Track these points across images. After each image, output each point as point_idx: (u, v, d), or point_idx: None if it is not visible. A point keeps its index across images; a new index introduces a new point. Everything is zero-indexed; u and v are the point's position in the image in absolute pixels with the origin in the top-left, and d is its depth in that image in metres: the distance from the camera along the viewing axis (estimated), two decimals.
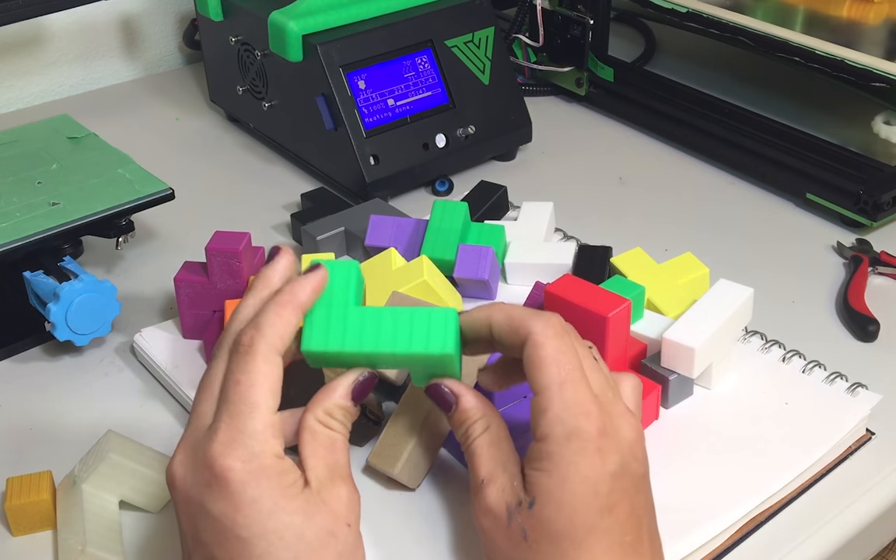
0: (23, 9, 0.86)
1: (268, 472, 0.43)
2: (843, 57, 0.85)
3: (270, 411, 0.44)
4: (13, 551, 0.54)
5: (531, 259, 0.73)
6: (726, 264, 0.74)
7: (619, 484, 0.43)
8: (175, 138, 1.03)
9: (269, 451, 0.43)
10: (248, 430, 0.43)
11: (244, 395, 0.44)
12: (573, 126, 1.03)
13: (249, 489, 0.42)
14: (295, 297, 0.46)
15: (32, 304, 0.67)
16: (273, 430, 0.44)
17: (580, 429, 0.43)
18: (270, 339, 0.45)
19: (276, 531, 0.42)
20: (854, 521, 0.56)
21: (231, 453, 0.43)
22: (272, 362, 0.44)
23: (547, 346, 0.45)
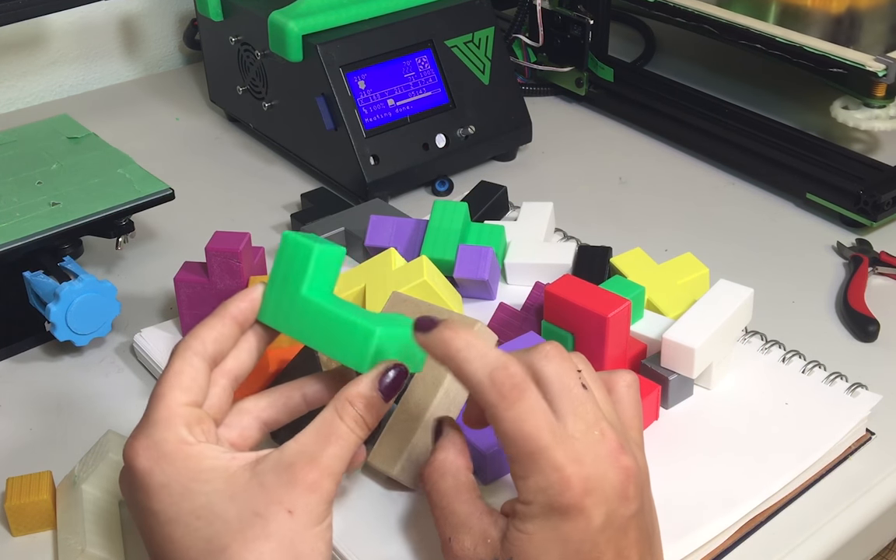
0: (23, 9, 0.86)
1: (170, 457, 0.44)
2: (802, 43, 0.87)
3: (176, 402, 0.45)
4: (13, 551, 0.54)
5: (531, 259, 0.73)
6: (726, 264, 0.74)
7: (605, 535, 0.42)
8: (175, 138, 1.03)
9: (170, 438, 0.44)
10: (151, 420, 0.45)
11: (154, 394, 0.46)
12: (573, 126, 1.03)
13: (156, 475, 0.44)
14: (225, 307, 0.49)
15: (32, 304, 0.67)
16: (178, 419, 0.45)
17: (562, 495, 0.42)
18: (188, 342, 0.47)
19: (192, 512, 0.43)
20: (854, 521, 0.56)
21: (135, 444, 0.45)
22: (185, 360, 0.47)
23: (505, 419, 0.42)
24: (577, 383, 0.44)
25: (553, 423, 0.42)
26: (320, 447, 0.44)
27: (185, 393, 0.46)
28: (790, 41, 0.88)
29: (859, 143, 0.95)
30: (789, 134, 0.91)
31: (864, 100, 0.90)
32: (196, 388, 0.46)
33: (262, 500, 0.43)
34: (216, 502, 0.43)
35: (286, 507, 0.43)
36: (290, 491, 0.43)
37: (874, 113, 0.89)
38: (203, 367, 0.47)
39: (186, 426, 0.45)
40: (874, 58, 0.83)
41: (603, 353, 0.58)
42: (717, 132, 0.93)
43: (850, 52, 0.85)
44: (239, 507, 0.43)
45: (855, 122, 0.90)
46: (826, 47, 0.86)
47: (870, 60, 0.83)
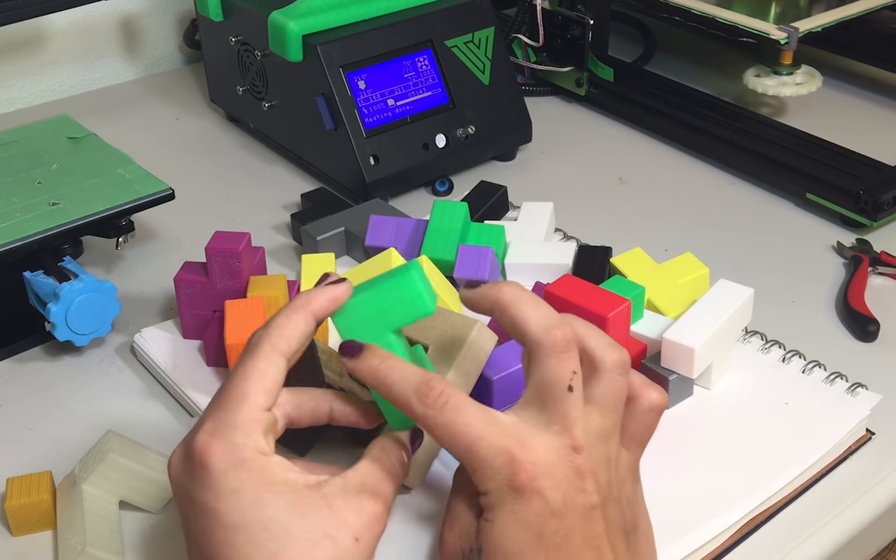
0: (23, 9, 0.86)
1: (247, 464, 0.43)
2: (714, 15, 0.94)
3: (259, 406, 0.44)
4: (13, 551, 0.54)
5: (531, 259, 0.73)
6: (726, 264, 0.74)
7: (565, 522, 0.43)
8: (175, 138, 1.03)
9: (250, 445, 0.43)
10: (231, 421, 0.44)
11: (235, 388, 0.45)
12: (573, 126, 1.03)
13: (230, 479, 0.43)
14: (308, 303, 0.47)
15: (32, 304, 0.67)
16: (258, 425, 0.44)
17: (512, 478, 0.43)
18: (274, 339, 0.46)
19: (260, 522, 0.43)
20: (854, 521, 0.56)
21: (211, 442, 0.43)
22: (271, 361, 0.45)
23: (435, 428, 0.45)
24: (564, 384, 0.45)
25: (483, 414, 0.44)
26: (379, 481, 0.45)
27: (267, 397, 0.45)
28: (704, 13, 0.94)
29: (767, 107, 1.04)
30: (789, 134, 0.91)
31: (774, 67, 0.99)
32: (276, 391, 0.46)
33: (332, 522, 0.43)
34: (285, 517, 0.43)
35: (354, 534, 0.43)
36: (359, 519, 0.44)
37: (782, 80, 0.98)
38: (284, 369, 0.46)
39: (264, 434, 0.44)
40: (777, 27, 0.89)
41: None
42: (717, 132, 0.93)
43: (755, 22, 0.91)
44: (308, 526, 0.43)
45: (764, 88, 0.98)
46: (735, 18, 0.92)
47: (773, 29, 0.89)
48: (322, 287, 0.48)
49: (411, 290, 0.48)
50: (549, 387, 0.45)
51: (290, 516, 0.43)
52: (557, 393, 0.45)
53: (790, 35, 0.89)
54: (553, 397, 0.45)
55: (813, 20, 0.92)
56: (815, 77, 0.99)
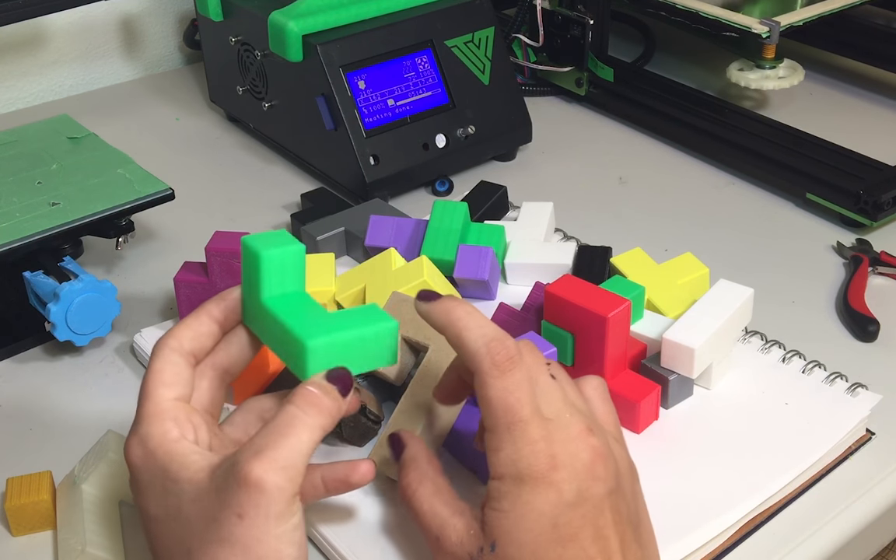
0: (23, 9, 0.86)
1: (154, 453, 0.45)
2: (698, 9, 0.94)
3: (163, 397, 0.46)
4: (13, 551, 0.54)
5: (531, 259, 0.73)
6: (726, 264, 0.74)
7: (579, 512, 0.43)
8: (175, 138, 1.03)
9: (155, 432, 0.45)
10: (140, 416, 0.46)
11: (142, 393, 0.47)
12: (573, 126, 1.03)
13: (143, 474, 0.45)
14: (202, 307, 0.50)
15: (32, 304, 0.67)
16: (163, 414, 0.46)
17: (532, 468, 0.43)
18: (166, 341, 0.48)
19: (167, 510, 0.44)
20: (854, 521, 0.56)
21: (129, 441, 0.46)
22: (166, 358, 0.47)
23: (493, 386, 0.44)
24: (546, 373, 0.46)
25: (535, 401, 0.44)
26: (268, 440, 0.43)
27: (169, 388, 0.46)
28: (688, 7, 0.95)
29: (749, 100, 1.05)
30: (789, 134, 0.91)
31: (757, 61, 1.00)
32: (180, 382, 0.47)
33: (216, 504, 0.42)
34: (184, 504, 0.44)
35: (235, 511, 0.42)
36: (237, 494, 0.42)
37: (764, 73, 0.99)
38: (182, 363, 0.47)
39: (174, 420, 0.46)
40: (759, 20, 0.90)
41: (603, 353, 0.58)
42: (717, 132, 0.93)
43: (738, 16, 0.92)
44: (200, 511, 0.43)
45: (747, 81, 0.99)
46: (718, 12, 0.93)
47: (755, 23, 0.90)
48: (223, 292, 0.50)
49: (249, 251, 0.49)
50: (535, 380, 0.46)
51: (186, 502, 0.44)
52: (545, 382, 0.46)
53: (772, 29, 0.90)
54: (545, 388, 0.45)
55: (795, 15, 0.92)
56: (797, 71, 1.00)
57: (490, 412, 0.44)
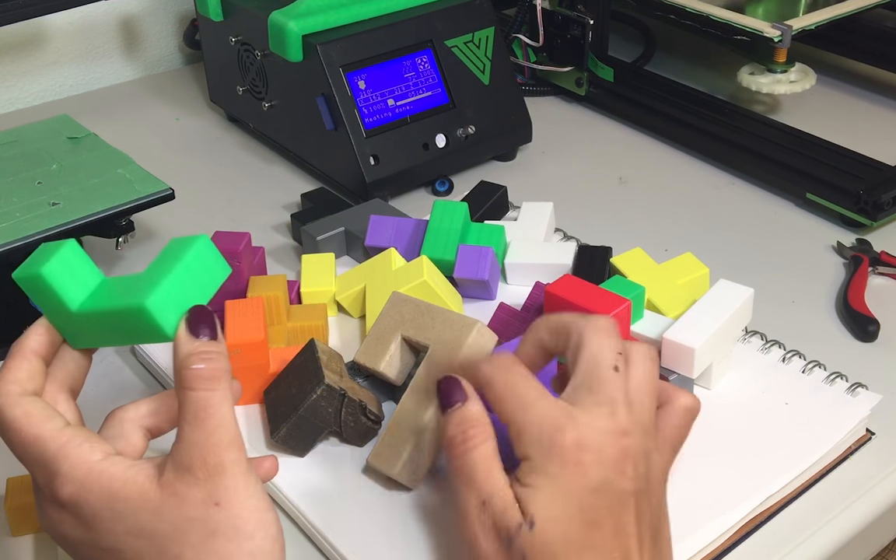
0: (23, 9, 0.86)
1: (87, 482, 0.43)
2: (708, 13, 0.93)
3: (56, 430, 0.45)
4: (13, 551, 0.54)
5: (531, 259, 0.73)
6: (726, 264, 0.74)
7: (603, 500, 0.43)
8: (175, 138, 1.03)
9: (76, 463, 0.44)
10: (46, 461, 0.44)
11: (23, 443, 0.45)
12: (573, 126, 1.03)
13: (87, 506, 0.43)
14: (18, 343, 0.48)
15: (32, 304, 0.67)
16: (71, 441, 0.44)
17: (556, 442, 0.43)
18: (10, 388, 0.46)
19: (128, 533, 0.43)
20: (854, 521, 0.56)
21: (54, 486, 0.44)
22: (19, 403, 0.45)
23: (497, 381, 0.46)
24: (610, 364, 0.45)
25: (543, 388, 0.45)
26: (193, 430, 0.43)
27: (52, 420, 0.45)
28: (698, 11, 0.94)
29: (761, 104, 1.03)
30: (789, 134, 0.91)
31: (768, 65, 0.98)
32: (54, 412, 0.46)
33: (185, 507, 0.43)
34: (145, 521, 0.43)
35: (211, 502, 0.42)
36: (199, 487, 0.42)
37: (776, 77, 0.97)
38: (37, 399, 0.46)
39: (85, 441, 0.44)
40: (771, 24, 0.89)
41: None
42: (717, 132, 0.93)
43: (749, 20, 0.91)
44: (169, 520, 0.43)
45: (758, 86, 0.97)
46: (729, 16, 0.91)
47: (767, 27, 0.89)
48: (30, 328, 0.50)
49: None
50: (594, 367, 0.45)
51: (147, 518, 0.43)
52: (604, 373, 0.45)
53: (783, 33, 0.89)
54: (600, 378, 0.45)
55: (807, 18, 0.92)
56: (808, 75, 0.99)
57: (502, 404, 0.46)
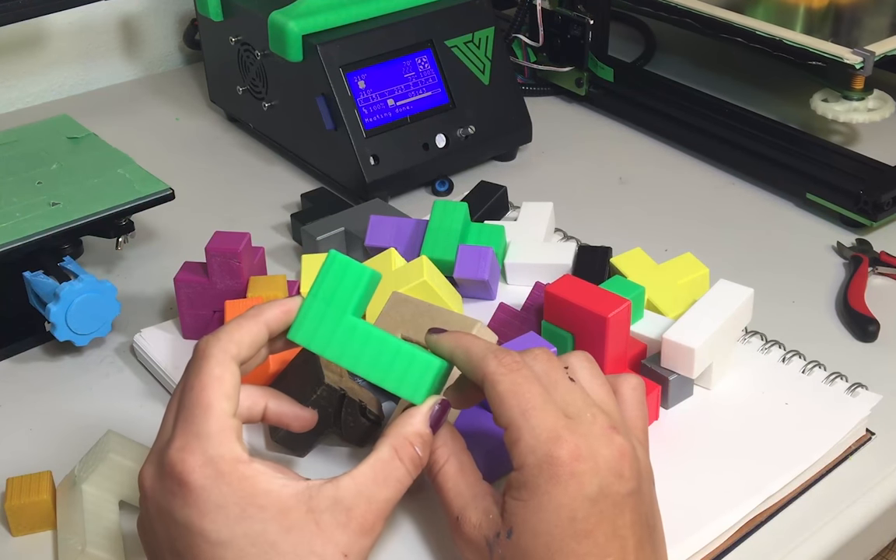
0: (23, 9, 0.86)
1: (228, 477, 0.42)
2: (781, 37, 0.88)
3: (225, 414, 0.44)
4: (13, 551, 0.54)
5: (531, 259, 0.73)
6: (726, 264, 0.74)
7: (598, 507, 0.43)
8: (175, 138, 1.03)
9: (227, 455, 0.43)
10: (202, 433, 0.43)
11: (197, 399, 0.44)
12: (573, 126, 1.03)
13: (213, 495, 0.42)
14: (261, 312, 0.47)
15: (32, 304, 0.67)
16: (230, 433, 0.43)
17: (551, 455, 0.43)
18: (224, 344, 0.45)
19: (247, 536, 0.42)
20: (854, 521, 0.56)
21: (187, 457, 0.43)
22: (225, 366, 0.45)
23: (503, 381, 0.45)
24: (564, 377, 0.46)
25: (545, 393, 0.45)
26: (378, 489, 0.44)
27: (230, 402, 0.44)
28: (770, 34, 0.89)
29: (838, 134, 0.96)
30: (789, 134, 0.91)
31: (843, 92, 0.91)
32: (237, 396, 0.45)
33: (319, 539, 0.43)
34: (272, 532, 0.42)
35: (342, 550, 0.43)
36: (346, 533, 0.43)
37: (853, 105, 0.91)
38: (238, 373, 0.46)
39: (238, 440, 0.44)
40: (851, 50, 0.84)
41: (603, 353, 0.58)
42: (717, 132, 0.93)
43: (828, 45, 0.85)
44: (295, 542, 0.42)
45: (834, 114, 0.91)
46: (805, 40, 0.87)
47: (847, 53, 0.84)
48: (276, 300, 0.48)
49: (342, 264, 0.48)
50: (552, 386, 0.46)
51: (275, 531, 0.42)
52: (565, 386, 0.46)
53: (865, 59, 0.83)
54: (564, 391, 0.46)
55: (890, 42, 0.86)
56: (888, 103, 0.92)
57: (503, 407, 0.45)
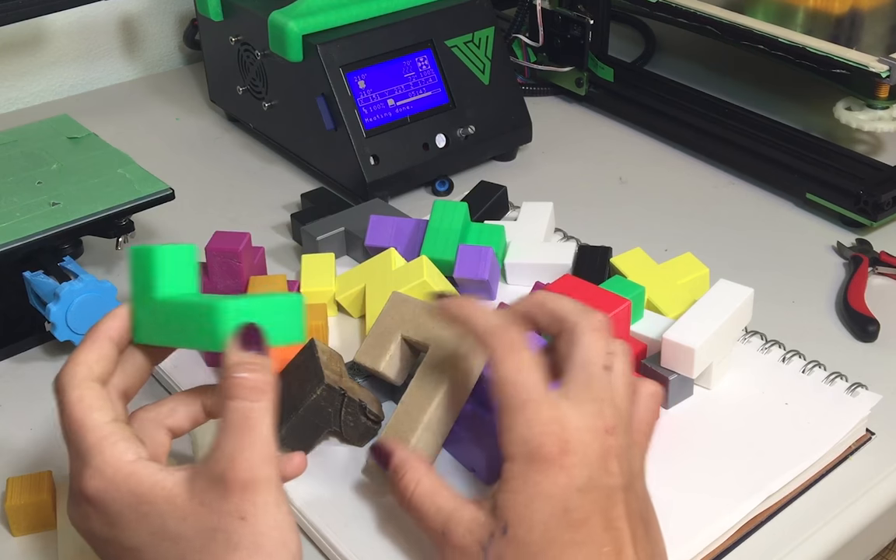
0: (23, 9, 0.86)
1: (116, 481, 0.44)
2: (805, 44, 0.87)
3: (98, 425, 0.45)
4: (13, 551, 0.54)
5: (531, 259, 0.73)
6: (726, 264, 0.74)
7: (589, 497, 0.43)
8: (175, 138, 1.03)
9: (109, 460, 0.44)
10: (82, 450, 0.44)
11: (70, 427, 0.45)
12: (573, 126, 1.03)
13: (113, 505, 0.44)
14: (97, 329, 0.48)
15: (32, 304, 0.67)
16: (110, 439, 0.44)
17: (542, 449, 0.44)
18: (71, 370, 0.46)
19: (153, 534, 0.43)
20: (854, 521, 0.56)
21: (82, 477, 0.44)
22: (81, 387, 0.46)
23: (504, 364, 0.46)
24: (601, 362, 0.46)
25: (545, 384, 0.45)
26: (232, 442, 0.43)
27: (101, 412, 0.45)
28: (793, 42, 0.88)
29: (862, 144, 0.95)
30: (789, 134, 0.90)
31: (867, 101, 0.89)
32: (107, 404, 0.46)
33: (211, 517, 0.43)
34: (170, 524, 0.43)
35: (237, 515, 0.42)
36: (231, 499, 0.42)
37: (877, 114, 0.89)
38: (99, 387, 0.46)
39: (124, 440, 0.44)
40: (877, 59, 0.83)
41: None
42: (717, 132, 0.93)
43: (853, 53, 0.84)
44: (194, 527, 0.43)
45: (858, 123, 0.89)
46: (829, 48, 0.85)
47: (873, 61, 0.83)
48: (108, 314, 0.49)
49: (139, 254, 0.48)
50: (588, 364, 0.46)
51: (173, 522, 0.43)
52: (595, 372, 0.46)
53: (892, 68, 0.82)
54: (590, 376, 0.46)
55: None
56: None
57: (503, 389, 0.45)
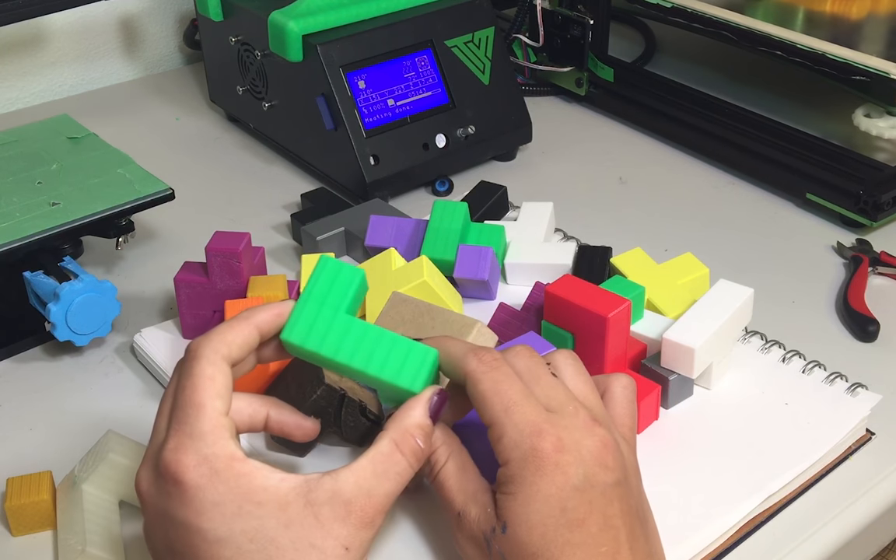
0: (23, 9, 0.86)
1: (223, 474, 0.43)
2: (824, 50, 0.86)
3: (218, 412, 0.44)
4: (13, 551, 0.54)
5: (531, 259, 0.73)
6: (726, 264, 0.74)
7: (586, 497, 0.44)
8: (175, 138, 1.03)
9: (221, 453, 0.43)
10: (195, 432, 0.43)
11: (189, 399, 0.44)
12: (573, 126, 1.03)
13: (209, 493, 0.42)
14: (252, 314, 0.47)
15: (32, 304, 0.67)
16: (223, 431, 0.44)
17: (535, 448, 0.44)
18: (215, 345, 0.45)
19: (244, 533, 0.42)
20: (854, 521, 0.56)
21: (181, 457, 0.43)
22: (216, 366, 0.45)
23: (483, 380, 0.46)
24: (546, 372, 0.47)
25: (525, 389, 0.46)
26: (378, 483, 0.44)
27: (222, 401, 0.44)
28: (811, 48, 0.86)
29: (883, 152, 0.92)
30: (789, 134, 0.90)
31: (888, 108, 0.88)
32: (229, 395, 0.45)
33: (318, 533, 0.43)
34: (270, 527, 0.42)
35: (343, 543, 0.43)
36: (346, 526, 0.43)
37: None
38: (229, 373, 0.46)
39: (232, 438, 0.44)
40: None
41: (603, 353, 0.58)
42: (717, 132, 0.93)
43: (873, 60, 0.83)
44: (294, 537, 0.42)
45: (878, 130, 0.88)
46: (848, 54, 0.84)
47: (894, 68, 0.82)
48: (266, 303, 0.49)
49: (334, 267, 0.49)
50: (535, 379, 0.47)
51: (274, 526, 0.42)
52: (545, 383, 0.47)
53: None
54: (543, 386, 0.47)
55: None
56: None
57: (485, 405, 0.46)
